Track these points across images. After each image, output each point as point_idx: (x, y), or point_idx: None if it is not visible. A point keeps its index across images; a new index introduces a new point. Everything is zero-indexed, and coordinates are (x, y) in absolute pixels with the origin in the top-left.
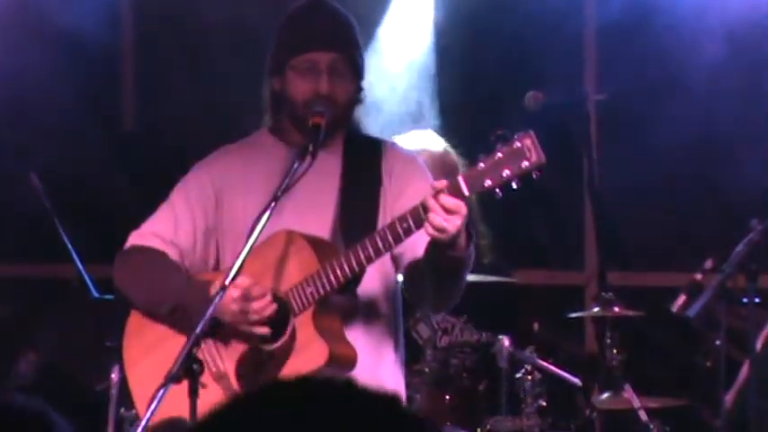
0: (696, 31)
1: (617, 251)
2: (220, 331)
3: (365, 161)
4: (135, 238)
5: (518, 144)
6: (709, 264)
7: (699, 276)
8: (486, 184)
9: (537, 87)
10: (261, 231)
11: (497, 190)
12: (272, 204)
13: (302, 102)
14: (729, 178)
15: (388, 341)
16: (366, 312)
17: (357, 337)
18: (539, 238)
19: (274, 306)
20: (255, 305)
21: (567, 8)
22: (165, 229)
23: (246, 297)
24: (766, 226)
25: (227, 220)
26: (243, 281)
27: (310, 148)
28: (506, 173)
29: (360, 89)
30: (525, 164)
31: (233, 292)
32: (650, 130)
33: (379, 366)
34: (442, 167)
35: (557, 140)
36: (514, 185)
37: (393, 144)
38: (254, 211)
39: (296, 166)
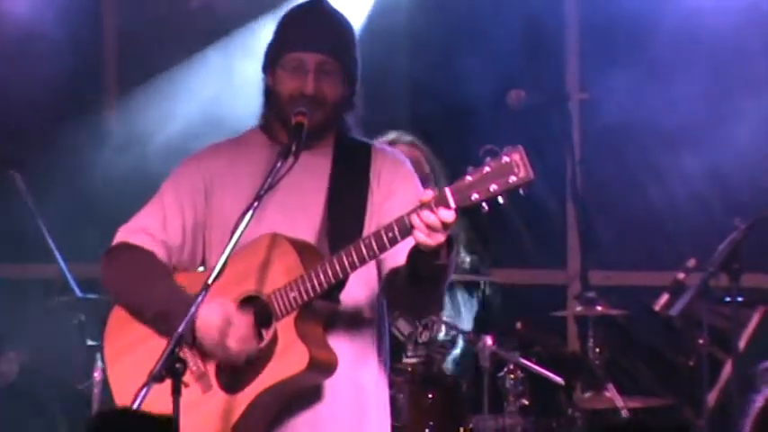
0: (678, 28)
1: (599, 250)
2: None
3: (354, 164)
4: (124, 234)
5: (506, 159)
6: (691, 263)
7: (681, 275)
8: (473, 198)
9: (518, 86)
10: (243, 231)
11: (484, 204)
12: (255, 204)
13: (287, 100)
14: (711, 177)
15: (372, 347)
16: (349, 318)
17: (340, 342)
18: (521, 237)
19: (253, 345)
20: (235, 345)
21: (547, 6)
22: (153, 226)
23: (225, 331)
24: (749, 225)
25: (215, 216)
26: (226, 309)
27: (293, 148)
28: (493, 187)
29: (352, 94)
30: (513, 179)
31: (216, 317)
32: (632, 128)
33: (361, 372)
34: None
35: (539, 139)
36: (501, 200)
37: (383, 148)
38: (240, 209)
39: (278, 165)
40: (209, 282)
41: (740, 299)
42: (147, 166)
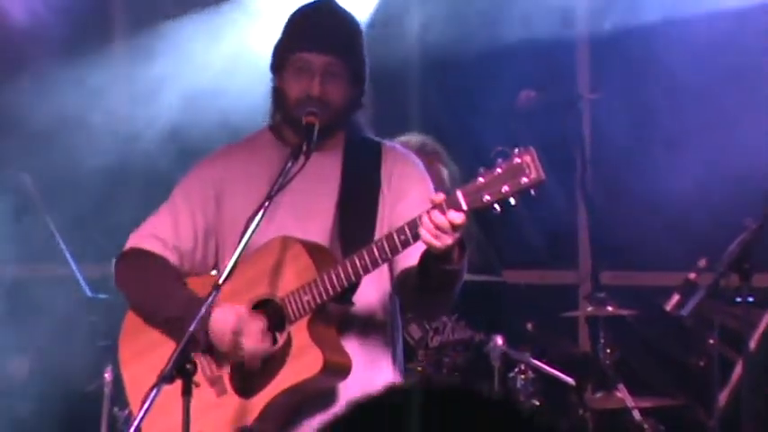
0: (685, 30)
1: (610, 250)
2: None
3: (365, 164)
4: (136, 239)
5: (518, 160)
6: (702, 263)
7: (692, 275)
8: (484, 200)
9: (529, 87)
10: (254, 232)
11: (496, 205)
12: (266, 204)
13: (295, 101)
14: (722, 177)
15: (385, 349)
16: (362, 320)
17: (353, 345)
18: (532, 237)
19: (267, 344)
20: (249, 344)
21: (559, 8)
22: (165, 231)
23: (239, 331)
24: (759, 225)
25: (227, 219)
26: (239, 311)
27: (304, 148)
28: (505, 189)
29: (360, 94)
30: (524, 180)
31: (230, 319)
32: (642, 128)
33: (374, 374)
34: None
35: (549, 140)
36: (513, 201)
37: (393, 147)
38: (251, 211)
39: (289, 165)
40: (220, 282)
41: (751, 299)
42: (149, 160)
